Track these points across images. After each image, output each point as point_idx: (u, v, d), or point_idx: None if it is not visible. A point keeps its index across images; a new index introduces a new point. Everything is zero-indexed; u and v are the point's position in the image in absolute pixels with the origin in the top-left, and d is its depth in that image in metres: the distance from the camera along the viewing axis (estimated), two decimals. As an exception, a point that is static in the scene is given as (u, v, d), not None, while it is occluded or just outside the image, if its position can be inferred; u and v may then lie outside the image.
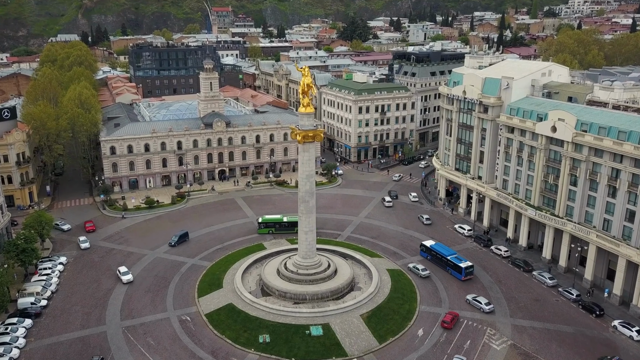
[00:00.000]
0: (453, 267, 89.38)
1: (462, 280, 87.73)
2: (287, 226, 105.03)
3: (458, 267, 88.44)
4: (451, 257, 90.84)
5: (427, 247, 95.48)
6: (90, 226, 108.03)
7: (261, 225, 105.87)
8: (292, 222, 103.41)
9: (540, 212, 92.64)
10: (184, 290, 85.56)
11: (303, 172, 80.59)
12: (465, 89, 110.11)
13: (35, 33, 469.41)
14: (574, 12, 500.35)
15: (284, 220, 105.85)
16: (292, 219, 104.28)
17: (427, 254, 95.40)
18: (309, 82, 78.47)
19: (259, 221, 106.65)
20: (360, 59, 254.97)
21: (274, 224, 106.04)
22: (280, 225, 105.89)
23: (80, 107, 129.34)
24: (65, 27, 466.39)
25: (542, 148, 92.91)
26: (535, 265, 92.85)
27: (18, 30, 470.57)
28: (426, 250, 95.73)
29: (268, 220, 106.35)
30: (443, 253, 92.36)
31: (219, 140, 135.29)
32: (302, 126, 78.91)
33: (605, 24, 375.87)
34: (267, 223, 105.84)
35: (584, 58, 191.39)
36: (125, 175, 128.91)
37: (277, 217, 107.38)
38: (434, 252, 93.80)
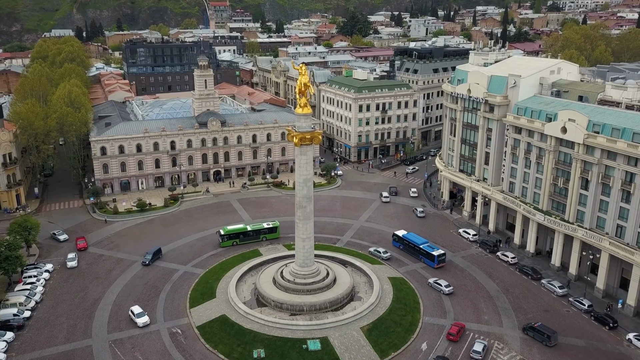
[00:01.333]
0: (426, 256, 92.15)
1: (435, 268, 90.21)
2: (253, 235, 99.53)
3: (431, 255, 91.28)
4: (423, 245, 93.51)
5: (400, 236, 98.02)
6: (82, 243, 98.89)
7: (224, 238, 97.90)
8: (257, 230, 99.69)
9: (550, 217, 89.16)
10: (175, 300, 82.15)
11: (300, 176, 77.11)
12: (470, 87, 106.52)
13: (29, 28, 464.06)
14: (578, 6, 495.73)
15: (249, 229, 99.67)
16: (256, 227, 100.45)
17: (400, 243, 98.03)
18: (306, 82, 74.91)
19: (221, 233, 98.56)
20: (360, 55, 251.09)
21: (238, 235, 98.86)
22: (245, 235, 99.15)
23: (70, 106, 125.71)
24: (60, 22, 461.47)
25: (552, 150, 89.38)
26: (544, 273, 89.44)
27: (12, 25, 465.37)
28: (398, 239, 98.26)
29: (231, 231, 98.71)
30: (415, 242, 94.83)
31: (213, 140, 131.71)
32: (299, 128, 75.41)
33: (611, 19, 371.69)
34: (230, 234, 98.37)
35: (591, 54, 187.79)
36: (117, 177, 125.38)
37: (240, 227, 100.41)
38: (407, 242, 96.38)
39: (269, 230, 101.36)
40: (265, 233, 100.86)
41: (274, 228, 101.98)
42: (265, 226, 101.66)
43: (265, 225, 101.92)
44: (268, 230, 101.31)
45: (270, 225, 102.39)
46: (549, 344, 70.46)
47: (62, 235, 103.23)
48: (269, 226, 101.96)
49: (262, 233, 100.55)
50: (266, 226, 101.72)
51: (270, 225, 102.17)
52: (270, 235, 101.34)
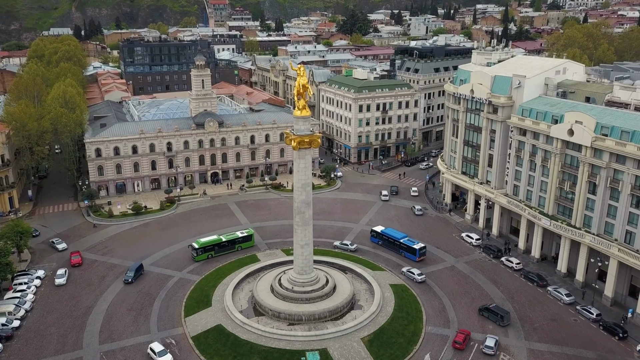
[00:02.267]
0: (407, 250, 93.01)
1: (416, 262, 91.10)
2: (228, 245, 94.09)
3: (412, 249, 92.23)
4: (404, 240, 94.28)
5: (378, 232, 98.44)
6: (77, 259, 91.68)
7: (198, 252, 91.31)
8: (232, 240, 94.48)
9: (556, 222, 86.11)
10: (169, 308, 79.16)
11: (298, 181, 74.07)
12: (473, 87, 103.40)
13: (28, 26, 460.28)
14: (578, 4, 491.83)
15: (224, 240, 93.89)
16: (231, 236, 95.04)
17: (378, 239, 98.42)
18: (304, 83, 71.81)
19: (194, 247, 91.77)
20: (360, 54, 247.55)
21: (213, 246, 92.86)
22: (220, 246, 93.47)
23: (64, 107, 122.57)
24: (59, 21, 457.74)
25: (558, 153, 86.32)
26: (550, 279, 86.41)
27: (10, 23, 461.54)
28: (377, 235, 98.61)
29: (206, 244, 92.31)
30: (395, 237, 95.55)
31: (211, 141, 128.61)
32: (298, 131, 72.35)
33: (611, 17, 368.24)
34: (204, 247, 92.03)
35: (594, 53, 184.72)
36: (112, 179, 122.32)
37: (214, 238, 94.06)
38: (386, 237, 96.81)
39: (243, 239, 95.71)
40: (240, 242, 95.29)
41: (248, 236, 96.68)
42: (239, 235, 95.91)
43: (240, 234, 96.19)
44: (242, 239, 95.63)
45: (245, 233, 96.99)
46: (502, 324, 73.98)
47: (61, 244, 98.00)
48: (244, 235, 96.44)
49: (237, 242, 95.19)
50: (240, 235, 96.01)
51: (244, 234, 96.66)
52: (245, 244, 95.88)
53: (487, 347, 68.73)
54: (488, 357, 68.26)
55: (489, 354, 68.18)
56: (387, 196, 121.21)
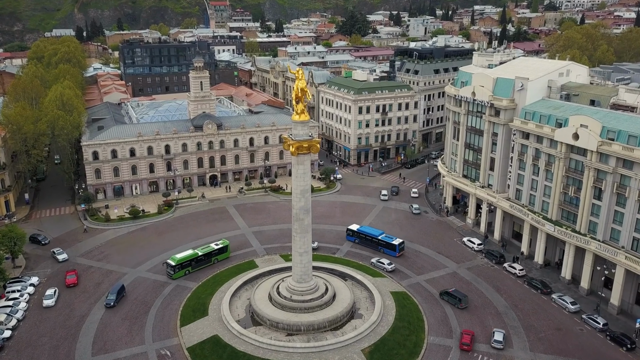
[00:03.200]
0: (386, 246, 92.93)
1: (397, 257, 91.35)
2: (204, 259, 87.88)
3: (391, 245, 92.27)
4: (382, 236, 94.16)
5: (354, 230, 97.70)
6: (72, 279, 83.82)
7: (176, 269, 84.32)
8: (208, 253, 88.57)
9: (560, 227, 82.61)
10: (165, 317, 75.70)
11: (297, 187, 70.60)
12: (475, 89, 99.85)
13: (31, 28, 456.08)
14: (575, 5, 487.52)
15: (200, 254, 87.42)
16: (207, 249, 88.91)
17: (355, 237, 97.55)
18: (303, 87, 68.34)
19: (171, 264, 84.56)
20: (359, 55, 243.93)
21: (190, 262, 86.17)
22: (197, 260, 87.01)
23: (61, 109, 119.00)
24: (62, 22, 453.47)
25: (562, 157, 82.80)
26: (554, 286, 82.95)
27: (13, 25, 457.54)
28: (353, 234, 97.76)
29: (183, 260, 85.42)
30: (373, 234, 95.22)
31: (209, 143, 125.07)
32: (296, 136, 68.83)
33: (608, 18, 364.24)
34: (182, 263, 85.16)
35: (593, 54, 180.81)
36: (110, 182, 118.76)
37: (190, 253, 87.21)
38: (363, 235, 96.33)
39: (219, 251, 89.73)
40: (216, 255, 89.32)
41: (224, 248, 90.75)
42: (215, 247, 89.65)
43: (215, 247, 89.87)
44: (218, 251, 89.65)
45: (220, 245, 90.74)
46: (460, 307, 76.78)
47: (62, 254, 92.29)
48: (219, 246, 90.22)
49: (213, 255, 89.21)
50: (216, 247, 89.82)
51: (220, 246, 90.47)
52: (221, 256, 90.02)
53: (497, 342, 68.42)
54: (498, 351, 67.90)
55: (499, 348, 68.03)
56: (386, 196, 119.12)
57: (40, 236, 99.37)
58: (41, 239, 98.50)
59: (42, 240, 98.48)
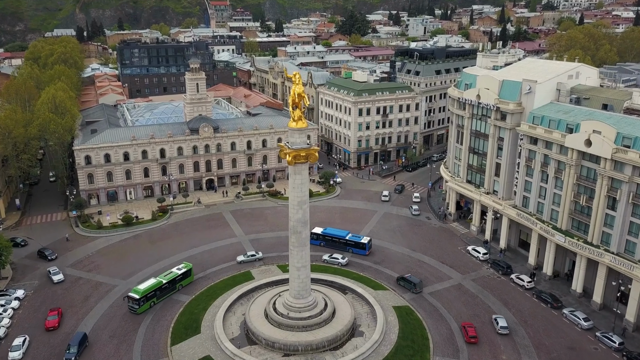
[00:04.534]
0: (355, 246, 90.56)
1: (366, 255, 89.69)
2: (169, 287, 77.51)
3: (361, 244, 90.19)
4: (350, 236, 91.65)
5: (319, 233, 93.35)
6: (53, 320, 71.40)
7: (140, 302, 73.04)
8: (172, 279, 77.97)
9: (571, 238, 76.98)
10: (155, 334, 70.18)
11: (294, 198, 65.02)
12: (480, 92, 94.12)
13: (32, 28, 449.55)
14: (572, 5, 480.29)
15: (164, 282, 76.79)
16: (171, 276, 78.30)
17: (320, 240, 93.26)
18: (300, 92, 62.71)
19: (135, 297, 72.98)
20: (359, 54, 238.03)
21: (155, 292, 75.29)
22: (162, 289, 76.43)
23: (54, 112, 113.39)
24: (63, 22, 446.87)
25: (573, 164, 77.13)
26: (564, 300, 77.41)
27: (15, 25, 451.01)
28: (317, 237, 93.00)
29: (147, 291, 74.04)
30: (340, 235, 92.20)
31: (206, 146, 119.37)
32: (293, 144, 63.18)
33: (607, 18, 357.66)
34: (147, 295, 73.91)
35: (595, 54, 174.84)
36: (103, 187, 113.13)
37: (154, 283, 75.98)
38: (329, 237, 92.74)
39: (183, 276, 79.90)
40: (180, 280, 79.43)
41: (187, 272, 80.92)
42: (178, 272, 79.50)
43: (179, 272, 79.71)
44: (182, 276, 79.81)
45: (183, 269, 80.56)
46: (415, 291, 78.62)
47: (58, 275, 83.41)
48: (183, 271, 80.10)
49: (177, 281, 79.17)
50: (179, 272, 79.68)
51: (183, 270, 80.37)
52: (185, 281, 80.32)
53: (503, 328, 69.65)
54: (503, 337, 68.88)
55: (505, 334, 69.23)
56: (387, 197, 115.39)
57: (47, 251, 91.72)
58: (48, 254, 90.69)
59: (50, 255, 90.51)
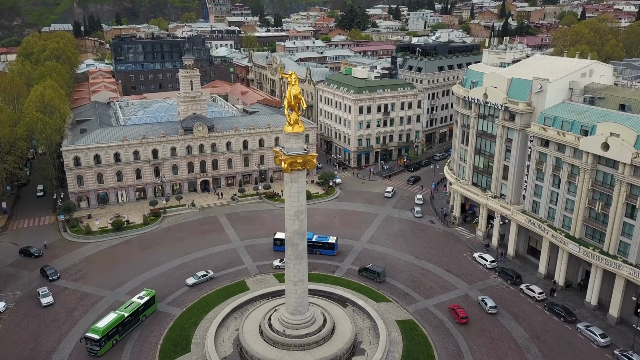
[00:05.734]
0: (322, 247, 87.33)
1: (335, 255, 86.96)
2: (132, 320, 68.36)
3: (329, 244, 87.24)
4: (315, 238, 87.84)
5: (282, 238, 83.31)
6: None
7: (101, 343, 63.28)
8: (135, 311, 68.62)
9: (586, 248, 71.60)
10: (142, 352, 64.97)
11: (290, 208, 59.67)
12: (487, 91, 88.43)
13: (30, 23, 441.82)
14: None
15: (127, 316, 67.40)
16: (133, 307, 68.77)
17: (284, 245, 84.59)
18: (297, 93, 57.31)
19: (95, 338, 63.05)
20: (359, 49, 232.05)
21: (117, 328, 65.80)
22: (124, 324, 67.06)
23: (42, 111, 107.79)
24: (61, 17, 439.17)
25: (588, 168, 71.63)
26: (578, 313, 72.15)
27: (13, 19, 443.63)
28: (281, 242, 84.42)
29: (108, 329, 64.34)
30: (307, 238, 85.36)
31: (200, 147, 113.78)
32: (289, 150, 57.70)
33: (608, 12, 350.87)
34: (108, 334, 64.23)
35: (601, 49, 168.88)
36: (93, 190, 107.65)
37: (115, 318, 66.29)
38: None
39: (146, 306, 70.67)
40: (143, 311, 70.17)
41: (151, 300, 71.78)
42: (141, 302, 69.98)
43: (141, 301, 70.24)
44: (145, 306, 70.54)
45: (145, 297, 71.34)
46: (378, 280, 79.22)
47: (47, 297, 74.85)
48: (145, 300, 70.83)
49: (140, 312, 69.95)
50: (142, 301, 70.26)
51: (146, 298, 71.05)
52: (149, 310, 71.33)
53: (492, 307, 72.31)
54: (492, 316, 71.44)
55: (494, 313, 71.86)
56: (389, 193, 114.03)
57: (32, 248, 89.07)
58: (34, 252, 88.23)
59: (35, 252, 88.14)
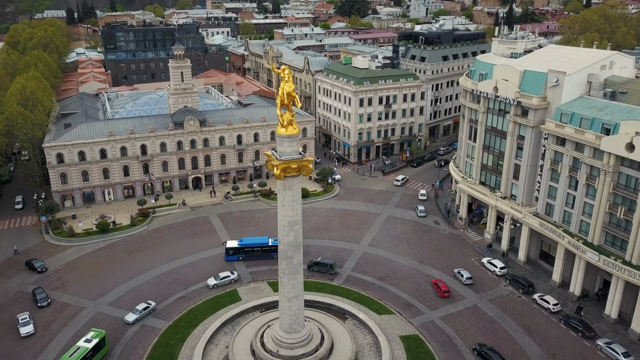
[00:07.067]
0: None
1: None
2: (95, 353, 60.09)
3: None
4: (272, 241, 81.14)
5: (236, 247, 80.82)
6: None
7: None
8: (83, 357, 58.21)
9: (607, 257, 65.79)
10: (124, 373, 59.55)
11: (284, 219, 53.55)
12: (497, 84, 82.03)
13: (23, 9, 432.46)
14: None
15: (89, 348, 59.24)
16: (80, 353, 58.24)
17: (238, 254, 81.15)
18: (290, 91, 50.69)
19: None
20: (359, 37, 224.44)
21: None
22: None
23: (24, 104, 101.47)
24: (55, 3, 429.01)
25: (610, 170, 65.62)
26: (597, 327, 66.57)
27: (5, 6, 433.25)
28: (235, 251, 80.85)
29: None
30: (262, 242, 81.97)
31: (191, 142, 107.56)
32: (282, 154, 51.44)
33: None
34: None
35: (612, 37, 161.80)
36: (78, 188, 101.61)
37: None
38: (250, 248, 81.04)
39: (94, 350, 59.99)
40: (91, 357, 59.56)
41: (101, 342, 61.32)
42: (88, 347, 59.44)
43: (88, 345, 59.72)
44: (94, 350, 59.97)
45: (94, 340, 60.60)
46: (331, 272, 77.27)
47: (27, 326, 65.89)
48: (94, 343, 60.19)
49: (89, 359, 59.42)
50: (90, 345, 59.68)
51: (94, 340, 60.55)
52: (99, 354, 60.82)
53: (468, 279, 75.90)
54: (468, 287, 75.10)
55: (470, 284, 75.63)
56: (399, 181, 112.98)
57: (37, 262, 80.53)
58: (38, 267, 79.61)
59: (40, 268, 79.53)
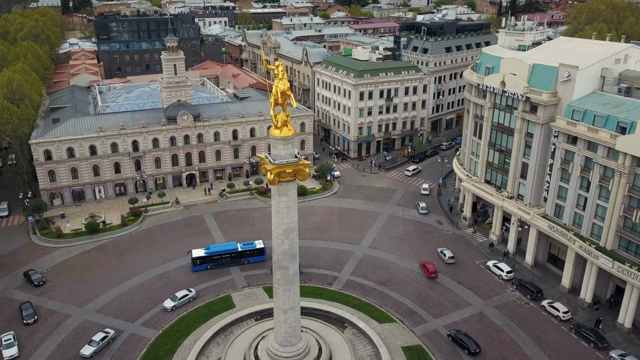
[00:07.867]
0: (251, 254, 78.00)
1: (264, 261, 77.63)
2: None
3: (258, 250, 78.15)
4: (242, 245, 78.20)
5: (203, 256, 76.08)
6: None
7: None
8: None
9: (621, 264, 62.19)
10: (109, 387, 56.21)
11: (279, 226, 49.89)
12: (505, 78, 77.95)
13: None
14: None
15: None
16: None
17: (207, 264, 76.51)
18: (285, 89, 46.79)
19: None
20: (359, 27, 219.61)
21: None
22: None
23: (10, 98, 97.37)
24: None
25: (625, 171, 61.85)
26: (609, 337, 63.16)
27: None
28: (202, 260, 76.14)
29: None
30: (231, 248, 77.72)
31: (185, 137, 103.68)
32: (277, 157, 47.63)
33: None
34: None
35: (619, 27, 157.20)
36: (67, 186, 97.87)
37: None
38: (218, 255, 76.63)
39: None
40: None
41: None
42: None
43: None
44: None
45: None
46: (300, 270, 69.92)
47: (11, 348, 60.55)
48: None
49: None
50: None
51: None
52: None
53: (450, 258, 78.57)
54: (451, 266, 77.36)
55: (453, 262, 78.09)
56: (410, 171, 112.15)
57: (35, 275, 75.05)
58: (35, 279, 74.14)
59: (37, 281, 74.10)
